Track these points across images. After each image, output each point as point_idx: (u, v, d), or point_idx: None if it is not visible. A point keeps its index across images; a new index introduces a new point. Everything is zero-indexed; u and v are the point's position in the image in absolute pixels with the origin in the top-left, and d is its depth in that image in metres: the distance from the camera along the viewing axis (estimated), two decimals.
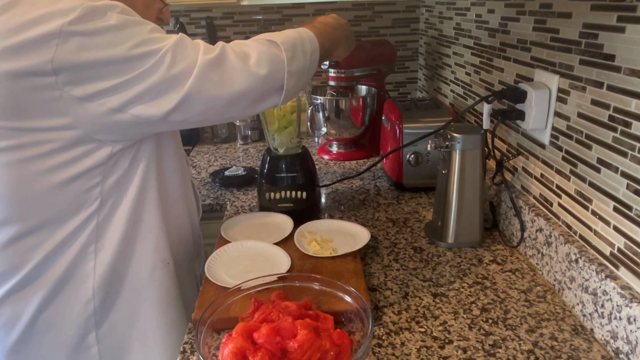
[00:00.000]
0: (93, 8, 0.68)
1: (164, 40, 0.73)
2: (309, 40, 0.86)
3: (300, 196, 1.12)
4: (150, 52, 0.71)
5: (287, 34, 0.83)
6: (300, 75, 0.83)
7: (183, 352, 0.76)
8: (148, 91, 0.72)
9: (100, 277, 0.82)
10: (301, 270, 0.91)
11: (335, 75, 1.52)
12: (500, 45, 1.10)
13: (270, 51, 0.79)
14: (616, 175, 0.73)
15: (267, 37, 0.82)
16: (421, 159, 1.25)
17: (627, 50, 0.69)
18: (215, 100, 0.76)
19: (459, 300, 0.86)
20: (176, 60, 0.72)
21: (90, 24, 0.68)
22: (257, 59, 0.78)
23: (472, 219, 1.01)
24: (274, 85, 0.80)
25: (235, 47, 0.78)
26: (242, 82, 0.76)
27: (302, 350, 0.63)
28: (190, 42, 0.75)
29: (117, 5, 0.71)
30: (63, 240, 0.79)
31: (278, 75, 0.80)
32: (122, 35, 0.69)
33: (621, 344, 0.70)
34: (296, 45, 0.82)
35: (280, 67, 0.80)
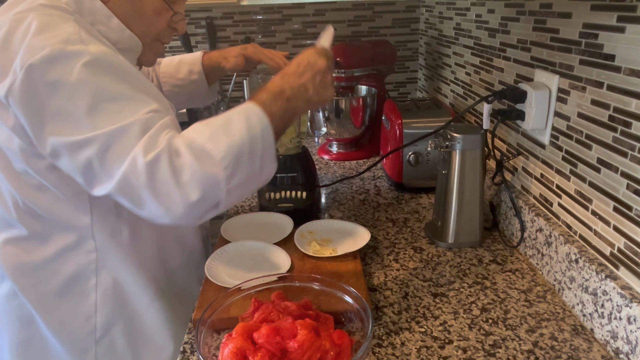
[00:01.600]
0: (61, 52, 0.65)
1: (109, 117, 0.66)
2: (262, 137, 0.69)
3: (300, 196, 1.12)
4: (85, 126, 0.65)
5: (234, 134, 0.68)
6: (245, 186, 0.70)
7: (183, 352, 0.76)
8: (77, 169, 0.68)
9: (103, 295, 0.83)
10: (301, 270, 0.91)
11: (335, 75, 1.52)
12: (500, 45, 1.10)
13: (203, 171, 0.65)
14: (616, 175, 0.73)
15: (207, 140, 0.67)
16: (421, 159, 1.25)
17: (627, 50, 0.69)
18: (142, 209, 0.68)
19: (459, 300, 0.86)
20: (106, 151, 0.65)
21: (51, 69, 0.65)
22: (188, 179, 0.65)
23: (472, 219, 1.01)
24: (207, 206, 0.68)
25: (175, 154, 0.66)
26: (170, 204, 0.66)
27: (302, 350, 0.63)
28: (133, 132, 0.65)
29: (90, 53, 0.66)
30: (59, 252, 0.81)
31: (213, 196, 0.67)
32: (70, 96, 0.65)
33: (621, 344, 0.70)
34: (242, 154, 0.68)
35: (216, 188, 0.67)
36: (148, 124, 0.67)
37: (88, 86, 0.66)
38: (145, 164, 0.64)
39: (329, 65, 0.78)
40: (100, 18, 0.76)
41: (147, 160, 0.64)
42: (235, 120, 0.69)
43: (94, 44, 0.69)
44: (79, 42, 0.67)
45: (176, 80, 1.10)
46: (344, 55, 1.49)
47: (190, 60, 1.11)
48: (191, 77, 1.10)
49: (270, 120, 0.70)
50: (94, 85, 0.66)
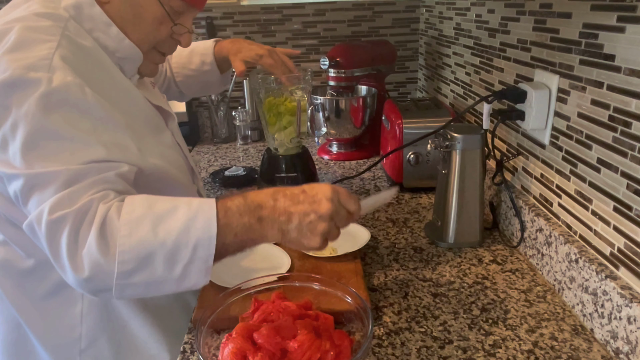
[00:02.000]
0: (20, 78, 0.62)
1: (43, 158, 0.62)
2: (194, 248, 0.60)
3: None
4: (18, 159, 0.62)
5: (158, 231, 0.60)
6: (149, 287, 0.62)
7: (183, 352, 0.76)
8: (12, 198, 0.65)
9: (89, 304, 0.81)
10: (301, 270, 0.91)
11: (335, 75, 1.52)
12: (500, 45, 1.10)
13: (98, 256, 0.59)
14: (616, 175, 0.73)
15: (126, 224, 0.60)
16: (421, 159, 1.25)
17: (627, 50, 0.69)
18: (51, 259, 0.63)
19: (459, 300, 0.86)
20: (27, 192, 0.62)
21: (11, 94, 0.62)
22: (84, 253, 0.59)
23: (472, 219, 1.01)
24: (99, 289, 0.62)
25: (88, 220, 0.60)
26: (64, 269, 0.61)
27: (302, 350, 0.63)
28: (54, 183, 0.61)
29: (47, 83, 0.63)
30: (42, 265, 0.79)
31: (103, 283, 0.61)
32: (14, 126, 0.62)
33: (621, 344, 0.70)
34: (153, 256, 0.60)
35: (105, 277, 0.60)
36: (76, 177, 0.62)
37: (33, 120, 0.62)
38: (47, 221, 0.59)
39: (334, 217, 0.65)
40: (99, 25, 0.74)
41: (51, 219, 0.59)
42: (178, 216, 0.61)
43: (62, 71, 0.65)
44: (44, 69, 0.63)
45: (189, 71, 1.09)
46: (344, 55, 1.49)
47: (202, 50, 1.09)
48: (203, 67, 1.09)
49: (221, 233, 0.61)
50: (39, 120, 0.62)
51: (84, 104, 0.66)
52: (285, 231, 0.64)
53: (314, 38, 1.84)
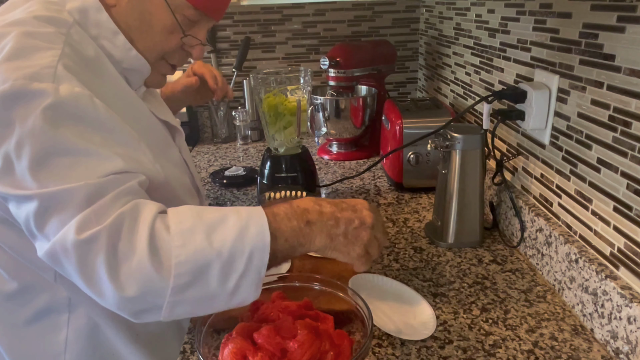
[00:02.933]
0: (23, 90, 0.57)
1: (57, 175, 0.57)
2: (249, 257, 0.58)
3: (300, 196, 1.12)
4: (29, 179, 0.57)
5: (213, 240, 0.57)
6: (200, 304, 0.59)
7: (183, 352, 0.76)
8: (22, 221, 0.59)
9: (75, 332, 0.76)
10: (301, 270, 0.91)
11: (335, 75, 1.52)
12: (500, 45, 1.10)
13: (151, 271, 0.55)
14: (616, 175, 0.73)
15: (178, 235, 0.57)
16: (421, 159, 1.25)
17: (627, 50, 0.69)
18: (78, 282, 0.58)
19: (459, 300, 0.86)
20: (44, 213, 0.57)
21: (12, 108, 0.57)
22: (132, 270, 0.55)
23: (472, 219, 1.01)
24: (145, 308, 0.58)
25: (126, 236, 0.56)
26: (99, 291, 0.57)
27: (302, 350, 0.63)
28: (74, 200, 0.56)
29: (53, 94, 0.58)
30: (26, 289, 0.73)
31: (153, 301, 0.57)
32: (20, 144, 0.57)
33: (621, 344, 0.70)
34: (209, 267, 0.57)
35: (158, 294, 0.56)
36: (98, 191, 0.57)
37: (41, 136, 0.57)
38: (75, 242, 0.54)
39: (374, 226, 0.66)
40: (105, 33, 0.70)
41: (80, 239, 0.54)
42: (230, 225, 0.59)
43: (68, 82, 0.60)
44: (49, 79, 0.58)
45: None
46: (344, 55, 1.49)
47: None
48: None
49: (273, 238, 0.59)
50: (48, 135, 0.57)
51: (94, 116, 0.62)
52: (333, 236, 0.64)
53: (314, 38, 1.84)
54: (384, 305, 0.82)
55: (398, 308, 0.82)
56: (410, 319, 0.79)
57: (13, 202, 0.59)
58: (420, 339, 0.75)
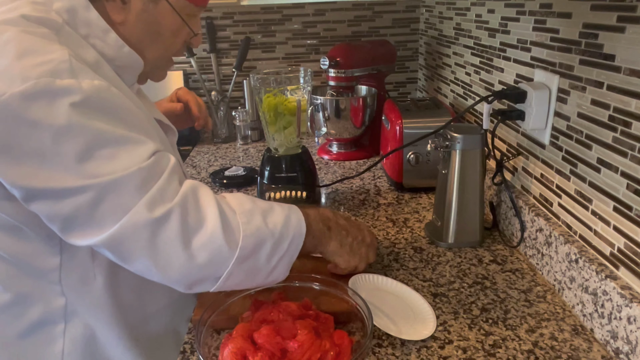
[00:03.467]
0: (47, 88, 0.56)
1: (105, 165, 0.59)
2: (291, 241, 0.68)
3: (300, 196, 1.12)
4: (75, 174, 0.58)
5: (269, 222, 0.66)
6: (248, 277, 0.67)
7: (183, 352, 0.76)
8: (58, 216, 0.60)
9: (72, 343, 0.75)
10: (301, 270, 0.91)
11: (335, 75, 1.52)
12: (500, 45, 1.10)
13: (222, 242, 0.62)
14: (616, 175, 0.73)
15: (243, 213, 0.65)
16: (421, 159, 1.25)
17: (627, 50, 0.69)
18: (129, 263, 0.62)
19: (459, 300, 0.86)
20: (101, 201, 0.58)
21: (33, 106, 0.56)
22: (204, 241, 0.61)
23: (472, 219, 1.01)
24: (205, 276, 0.64)
25: (196, 210, 0.62)
26: (168, 262, 0.61)
27: (302, 350, 0.63)
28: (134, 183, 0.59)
29: (80, 91, 0.58)
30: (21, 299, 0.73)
31: (216, 269, 0.64)
32: (57, 140, 0.57)
33: (621, 344, 0.70)
34: (265, 244, 0.65)
35: (223, 262, 0.63)
36: (152, 173, 0.61)
37: (79, 130, 0.57)
38: (150, 220, 0.59)
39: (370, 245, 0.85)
40: (95, 31, 0.68)
41: (155, 217, 0.59)
42: (277, 212, 0.69)
43: (85, 74, 0.60)
44: (69, 74, 0.58)
45: None
46: (344, 55, 1.49)
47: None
48: None
49: (306, 231, 0.70)
50: (86, 128, 0.58)
51: (117, 104, 0.63)
52: (342, 244, 0.80)
53: (314, 38, 1.84)
54: (384, 305, 0.82)
55: (398, 308, 0.82)
56: (410, 319, 0.79)
57: (50, 199, 0.59)
58: (420, 339, 0.75)
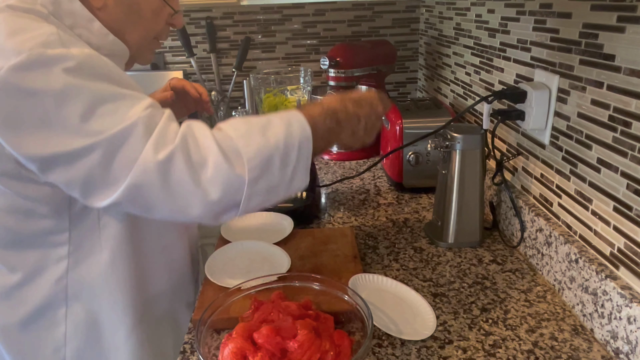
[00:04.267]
0: (41, 57, 0.58)
1: (107, 121, 0.60)
2: (299, 147, 0.67)
3: (300, 196, 1.12)
4: (81, 134, 0.60)
5: (269, 137, 0.65)
6: (269, 194, 0.67)
7: (183, 352, 0.76)
8: (75, 181, 0.62)
9: (73, 326, 0.77)
10: (301, 270, 0.91)
11: (335, 75, 1.52)
12: (500, 45, 1.10)
13: (229, 170, 0.63)
14: (616, 175, 0.73)
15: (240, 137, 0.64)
16: (421, 159, 1.25)
17: (627, 50, 0.69)
18: (153, 210, 0.64)
19: (459, 300, 0.86)
20: (112, 157, 0.60)
21: (30, 77, 0.58)
22: (210, 176, 0.62)
23: (472, 219, 1.01)
24: (226, 207, 0.66)
25: (195, 149, 0.63)
26: (186, 202, 0.63)
27: (302, 350, 0.63)
28: (138, 131, 0.61)
29: (73, 57, 0.60)
30: (26, 281, 0.74)
31: (234, 198, 0.65)
32: (58, 104, 0.59)
33: (621, 344, 0.70)
34: (272, 159, 0.65)
35: (238, 189, 0.64)
36: (151, 121, 0.62)
37: (77, 91, 0.59)
38: (157, 163, 0.60)
39: (384, 112, 0.80)
40: (80, 21, 0.69)
41: (160, 160, 0.60)
42: (276, 124, 0.67)
43: (75, 45, 0.62)
44: (59, 45, 0.60)
45: None
46: (344, 55, 1.49)
47: None
48: None
49: (312, 134, 0.68)
50: (83, 89, 0.60)
51: (109, 67, 0.65)
52: (355, 132, 0.76)
53: (314, 38, 1.84)
54: (384, 305, 0.82)
55: (398, 308, 0.82)
56: (410, 319, 0.79)
57: (64, 164, 0.61)
58: (420, 339, 0.75)
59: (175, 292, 0.91)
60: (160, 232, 0.84)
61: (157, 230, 0.83)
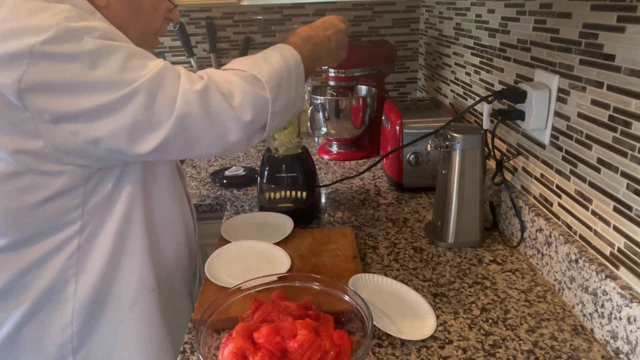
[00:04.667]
0: (69, 29, 0.64)
1: (141, 70, 0.68)
2: (295, 68, 0.78)
3: (300, 196, 1.12)
4: (123, 82, 0.66)
5: (272, 64, 0.76)
6: (284, 112, 0.77)
7: (183, 352, 0.76)
8: (122, 129, 0.68)
9: (80, 302, 0.79)
10: (301, 270, 0.91)
11: (335, 75, 1.52)
12: (500, 45, 1.10)
13: (254, 92, 0.72)
14: (616, 175, 0.73)
15: (250, 68, 0.74)
16: (421, 159, 1.25)
17: (627, 50, 0.69)
18: (196, 142, 0.72)
19: (459, 300, 0.86)
20: (154, 96, 0.67)
21: (64, 46, 0.63)
22: (241, 101, 0.71)
23: (472, 219, 1.01)
24: (256, 128, 0.75)
25: (220, 82, 0.71)
26: (225, 127, 0.71)
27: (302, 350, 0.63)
28: (170, 72, 0.69)
29: (96, 28, 0.66)
30: (39, 260, 0.75)
31: (261, 117, 0.74)
32: (95, 63, 0.65)
33: (621, 344, 0.70)
34: (282, 80, 0.75)
35: (264, 108, 0.74)
36: (174, 67, 0.71)
37: (109, 49, 0.66)
38: (197, 92, 0.68)
39: (347, 30, 0.92)
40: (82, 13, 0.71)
41: (198, 89, 0.69)
42: (271, 54, 0.78)
43: (92, 19, 0.68)
44: (80, 19, 0.66)
45: None
46: None
47: None
48: None
49: (302, 57, 0.79)
50: (113, 47, 0.67)
51: (124, 37, 0.72)
52: (331, 51, 0.88)
53: None
54: (384, 305, 0.82)
55: (398, 308, 0.82)
56: (410, 319, 0.79)
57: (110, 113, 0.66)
58: (420, 339, 0.75)
59: (176, 266, 0.93)
60: (167, 206, 0.88)
61: (163, 204, 0.87)
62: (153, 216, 0.85)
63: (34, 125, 0.66)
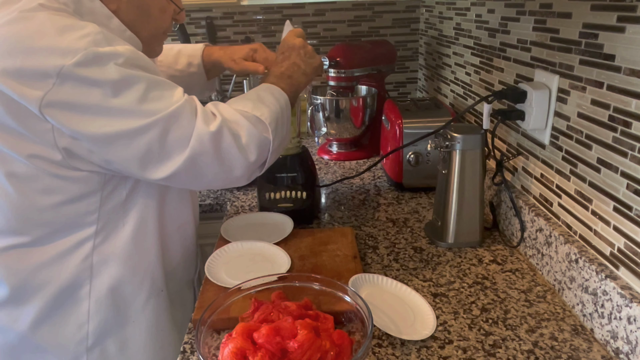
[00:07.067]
0: (95, 55, 0.66)
1: (160, 102, 0.71)
2: (286, 107, 0.85)
3: (300, 196, 1.12)
4: (142, 113, 0.69)
5: (269, 105, 0.81)
6: (279, 149, 0.84)
7: (183, 352, 0.76)
8: (134, 157, 0.71)
9: (96, 302, 0.81)
10: (301, 270, 0.91)
11: (335, 75, 1.52)
12: (500, 45, 1.10)
13: (259, 134, 0.78)
14: (616, 175, 0.73)
15: (253, 110, 0.79)
16: (421, 159, 1.25)
17: (627, 50, 0.69)
18: (203, 177, 0.76)
19: (459, 300, 0.86)
20: (169, 131, 0.71)
21: (90, 70, 0.66)
22: (246, 141, 0.77)
23: (472, 219, 1.01)
24: (258, 165, 0.81)
25: (230, 123, 0.76)
26: (232, 166, 0.76)
27: (302, 350, 0.63)
28: (187, 109, 0.73)
29: (121, 54, 0.69)
30: (53, 258, 0.78)
31: (264, 156, 0.80)
32: (117, 91, 0.68)
33: (621, 344, 0.70)
34: (278, 120, 0.81)
35: (266, 148, 0.80)
36: (192, 102, 0.74)
37: (131, 79, 0.68)
38: (211, 134, 0.72)
39: (304, 41, 0.93)
40: (100, 19, 0.74)
41: (212, 131, 0.73)
42: (265, 96, 0.82)
43: (117, 42, 0.70)
44: (106, 43, 0.68)
45: (174, 71, 1.07)
46: (344, 55, 1.49)
47: (189, 52, 1.08)
48: (190, 69, 1.08)
49: (289, 95, 0.85)
50: (135, 77, 0.69)
51: (148, 61, 0.73)
52: (303, 71, 0.91)
53: (314, 38, 1.84)
54: (384, 305, 0.82)
55: (398, 308, 0.82)
56: (410, 319, 0.79)
57: (125, 141, 0.69)
58: (420, 339, 0.75)
59: (185, 268, 0.97)
60: (178, 212, 0.92)
61: (175, 210, 0.90)
62: (165, 221, 0.88)
63: (52, 136, 0.69)
